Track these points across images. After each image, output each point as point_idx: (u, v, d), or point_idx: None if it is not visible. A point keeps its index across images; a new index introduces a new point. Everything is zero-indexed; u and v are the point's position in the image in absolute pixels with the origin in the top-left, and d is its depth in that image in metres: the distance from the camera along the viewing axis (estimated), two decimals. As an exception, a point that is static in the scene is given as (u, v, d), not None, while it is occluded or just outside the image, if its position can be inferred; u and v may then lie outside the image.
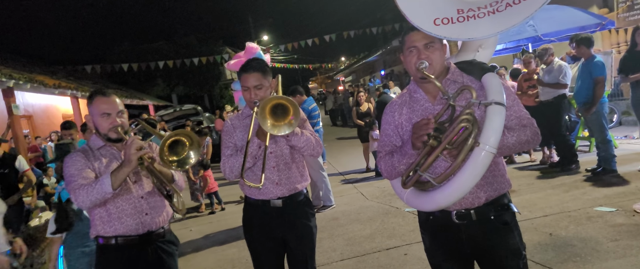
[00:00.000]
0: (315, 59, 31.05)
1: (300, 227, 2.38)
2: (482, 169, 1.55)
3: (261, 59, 2.40)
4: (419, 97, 1.79)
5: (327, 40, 19.07)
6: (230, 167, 2.27)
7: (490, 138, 1.52)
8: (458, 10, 1.64)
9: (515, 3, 1.55)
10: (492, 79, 1.66)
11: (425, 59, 1.67)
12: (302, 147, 2.30)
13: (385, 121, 1.87)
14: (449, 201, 1.63)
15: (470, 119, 1.53)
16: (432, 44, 1.70)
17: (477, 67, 1.73)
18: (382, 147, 1.87)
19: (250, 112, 2.29)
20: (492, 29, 1.61)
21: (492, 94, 1.60)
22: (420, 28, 1.66)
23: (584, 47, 5.17)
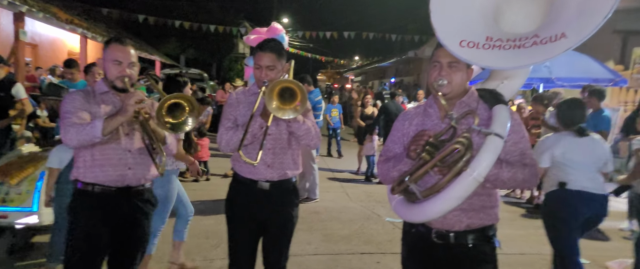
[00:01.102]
0: (329, 52, 30.94)
1: (283, 214, 2.38)
2: (464, 194, 1.56)
3: (279, 41, 2.39)
4: (432, 112, 1.81)
5: (346, 36, 19.01)
6: (227, 140, 2.27)
7: (480, 166, 1.53)
8: (487, 38, 1.65)
9: (541, 43, 1.56)
10: (502, 111, 1.66)
11: (446, 76, 1.69)
12: (301, 136, 2.30)
13: (396, 127, 1.90)
14: (427, 217, 1.66)
15: (465, 142, 1.54)
16: (456, 64, 1.70)
17: (494, 96, 1.75)
18: (384, 152, 1.91)
19: (258, 91, 2.28)
20: (512, 62, 1.63)
21: (495, 125, 1.61)
22: (444, 45, 1.68)
23: (595, 99, 5.20)
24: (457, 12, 1.72)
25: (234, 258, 2.39)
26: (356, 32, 19.00)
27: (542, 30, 1.59)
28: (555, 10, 1.63)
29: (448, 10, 1.73)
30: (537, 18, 1.69)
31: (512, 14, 1.75)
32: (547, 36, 1.54)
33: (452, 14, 1.72)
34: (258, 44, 2.33)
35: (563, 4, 1.60)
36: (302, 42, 25.15)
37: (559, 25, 1.55)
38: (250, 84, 2.60)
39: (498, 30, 1.69)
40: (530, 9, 1.72)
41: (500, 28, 1.71)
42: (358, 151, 8.34)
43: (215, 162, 7.22)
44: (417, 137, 1.63)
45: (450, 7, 1.73)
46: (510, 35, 1.65)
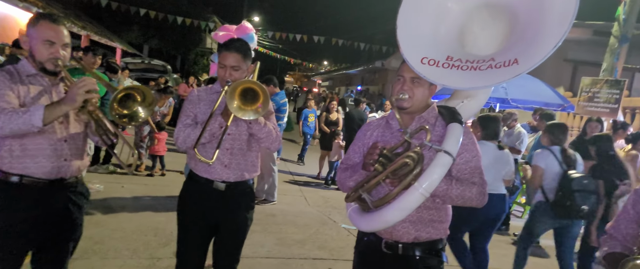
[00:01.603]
0: (298, 55, 30.95)
1: (237, 216, 2.35)
2: (411, 206, 1.61)
3: (245, 42, 2.36)
4: (393, 124, 1.85)
5: (315, 40, 19.09)
6: (185, 137, 2.21)
7: (427, 182, 1.58)
8: (448, 57, 1.71)
9: (496, 67, 1.63)
10: (455, 129, 1.70)
11: (408, 91, 1.74)
12: (261, 138, 2.28)
13: (358, 137, 1.94)
14: (376, 227, 1.70)
15: (415, 157, 1.58)
16: (419, 79, 1.75)
17: (451, 114, 1.80)
18: (345, 160, 1.95)
19: (220, 89, 2.24)
20: (467, 83, 1.70)
21: (446, 143, 1.65)
22: (406, 60, 1.73)
23: (544, 122, 5.48)
24: (423, 29, 1.78)
25: (182, 258, 2.33)
26: (326, 37, 19.15)
27: (499, 55, 1.67)
28: (513, 37, 1.71)
29: (414, 27, 1.78)
30: (497, 43, 1.77)
31: (475, 37, 1.82)
32: (502, 61, 1.62)
33: (417, 31, 1.78)
34: (224, 43, 2.30)
35: (522, 32, 1.68)
36: (272, 43, 24.98)
37: (514, 51, 1.63)
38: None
39: (460, 51, 1.75)
40: (492, 34, 1.79)
41: (463, 49, 1.78)
42: (320, 155, 8.37)
43: (173, 158, 7.01)
44: (371, 149, 1.67)
45: (417, 25, 1.78)
46: (470, 56, 1.72)
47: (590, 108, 7.37)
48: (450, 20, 1.81)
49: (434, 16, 1.80)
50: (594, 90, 7.40)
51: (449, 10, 1.80)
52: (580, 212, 3.51)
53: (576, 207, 3.49)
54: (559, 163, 3.74)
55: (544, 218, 3.81)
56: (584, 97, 7.51)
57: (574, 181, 3.54)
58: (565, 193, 3.56)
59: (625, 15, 7.51)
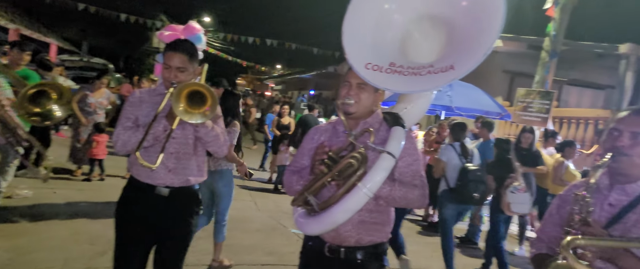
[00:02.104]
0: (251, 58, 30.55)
1: (181, 222, 2.25)
2: (355, 207, 1.62)
3: (192, 43, 2.29)
4: (339, 130, 1.87)
5: (268, 43, 18.98)
6: (125, 141, 2.10)
7: (371, 182, 1.61)
8: (391, 63, 1.79)
9: (435, 72, 1.74)
10: (398, 132, 1.76)
11: (354, 96, 1.77)
12: (209, 142, 2.22)
13: (306, 141, 1.95)
14: (321, 229, 1.70)
15: (359, 158, 1.61)
16: (365, 85, 1.79)
17: (394, 119, 1.86)
18: (292, 164, 1.94)
19: (165, 91, 2.15)
20: (408, 87, 1.81)
21: (390, 145, 1.70)
22: (351, 65, 1.79)
23: (486, 130, 5.82)
24: (367, 37, 1.85)
25: (120, 268, 2.20)
26: (279, 41, 19.10)
27: (437, 62, 1.79)
28: (451, 47, 1.83)
29: (359, 34, 1.84)
30: (437, 51, 1.88)
31: (416, 46, 1.93)
32: (439, 67, 1.74)
33: (362, 38, 1.84)
34: (169, 43, 2.21)
35: (458, 42, 1.81)
36: (224, 44, 24.49)
37: (451, 59, 1.75)
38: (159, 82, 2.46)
39: (402, 58, 1.85)
40: (432, 43, 1.91)
41: (405, 57, 1.88)
42: (271, 160, 8.29)
43: (113, 162, 6.64)
44: (318, 150, 1.69)
45: (362, 32, 1.85)
46: (412, 63, 1.82)
47: (524, 117, 7.90)
48: (394, 30, 1.90)
49: (378, 25, 1.88)
50: (528, 100, 7.95)
51: (392, 20, 1.90)
52: (473, 198, 4.15)
53: (470, 194, 4.10)
54: (459, 157, 4.38)
55: (448, 203, 4.35)
56: (519, 107, 8.04)
57: (470, 172, 4.17)
58: (463, 182, 4.16)
59: (555, 31, 8.16)
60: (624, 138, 1.38)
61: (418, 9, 1.88)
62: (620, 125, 1.41)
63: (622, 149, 1.38)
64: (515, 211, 4.24)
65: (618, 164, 1.38)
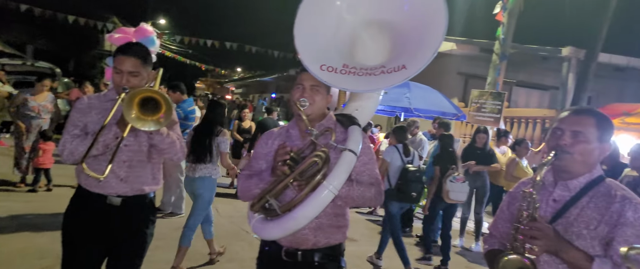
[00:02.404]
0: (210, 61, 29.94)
1: (136, 233, 2.16)
2: (321, 206, 1.62)
3: (144, 46, 2.20)
4: (293, 134, 1.87)
5: (228, 46, 18.68)
6: (71, 149, 1.99)
7: (336, 180, 1.62)
8: (344, 65, 1.84)
9: (387, 72, 1.81)
10: (356, 131, 1.81)
11: (308, 98, 1.78)
12: (164, 149, 2.14)
13: (260, 145, 1.92)
14: (285, 231, 1.67)
15: (323, 157, 1.62)
16: (318, 87, 1.81)
17: (349, 119, 1.89)
18: (248, 168, 1.90)
19: (115, 97, 2.06)
20: (364, 86, 1.86)
21: (350, 143, 1.73)
22: (307, 68, 1.80)
23: (443, 130, 6.01)
24: (318, 39, 1.88)
25: (69, 283, 2.08)
26: (239, 43, 18.85)
27: (388, 63, 1.86)
28: (396, 49, 1.92)
29: (310, 37, 1.87)
30: (383, 54, 1.95)
31: (363, 49, 1.99)
32: (392, 66, 1.82)
33: (313, 41, 1.87)
34: (121, 47, 2.11)
35: (403, 43, 1.90)
36: (181, 47, 23.85)
37: (401, 59, 1.83)
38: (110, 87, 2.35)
39: (353, 60, 1.90)
40: (378, 47, 1.98)
41: (354, 59, 1.93)
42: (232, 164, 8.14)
43: (61, 170, 6.27)
44: (280, 151, 1.68)
45: (312, 35, 1.88)
46: (364, 65, 1.87)
47: (478, 117, 8.23)
48: (343, 32, 1.95)
49: (328, 27, 1.92)
50: (481, 101, 8.30)
51: (342, 22, 1.95)
52: (412, 197, 4.48)
53: (409, 193, 4.44)
54: (401, 158, 4.68)
55: (391, 201, 4.59)
56: (473, 108, 8.38)
57: (410, 173, 4.49)
58: (404, 182, 4.47)
59: (504, 35, 8.58)
60: (566, 137, 1.47)
61: (365, 13, 1.95)
62: (562, 124, 1.50)
63: (565, 147, 1.46)
64: (453, 198, 4.70)
65: (561, 162, 1.46)
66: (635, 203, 1.39)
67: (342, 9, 1.95)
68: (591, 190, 1.45)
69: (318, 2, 1.93)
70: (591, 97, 11.74)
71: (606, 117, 1.50)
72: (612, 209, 1.39)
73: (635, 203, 1.39)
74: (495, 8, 8.62)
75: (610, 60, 10.92)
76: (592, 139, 1.44)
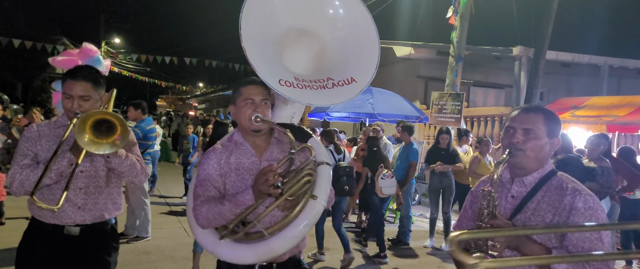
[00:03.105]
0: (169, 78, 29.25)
1: (96, 263, 2.07)
2: (314, 221, 1.64)
3: (94, 69, 2.13)
4: (246, 149, 1.77)
5: (187, 62, 18.36)
6: (22, 180, 1.89)
7: (324, 193, 1.65)
8: (295, 78, 1.82)
9: (339, 85, 1.86)
10: (318, 142, 1.85)
11: (261, 112, 1.72)
12: (123, 172, 2.07)
13: (209, 165, 1.74)
14: (277, 252, 1.66)
15: (312, 173, 1.64)
16: (267, 101, 1.76)
17: (301, 130, 1.89)
18: (203, 192, 1.72)
19: (67, 123, 1.97)
20: (324, 101, 1.90)
21: (321, 155, 1.75)
22: (268, 83, 1.72)
23: (406, 134, 6.14)
24: (264, 52, 1.85)
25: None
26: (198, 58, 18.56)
27: (333, 75, 1.90)
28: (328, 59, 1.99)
29: (257, 52, 1.80)
30: (314, 64, 2.00)
31: (294, 59, 1.97)
32: (341, 80, 1.87)
33: (262, 55, 1.81)
34: (69, 71, 2.04)
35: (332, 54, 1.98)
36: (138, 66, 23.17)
37: (346, 71, 1.90)
38: (59, 112, 2.25)
39: (295, 73, 1.88)
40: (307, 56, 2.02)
41: (293, 70, 1.91)
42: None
43: (15, 202, 5.91)
44: (266, 174, 1.57)
45: (259, 48, 1.83)
46: (306, 76, 1.88)
47: (440, 118, 8.48)
48: (275, 44, 1.93)
49: (265, 39, 1.89)
50: (441, 102, 8.56)
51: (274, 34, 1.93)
52: (344, 190, 4.84)
53: (342, 186, 4.76)
54: (334, 157, 5.30)
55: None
56: (434, 109, 8.62)
57: (341, 168, 4.84)
58: (336, 177, 4.70)
59: (458, 38, 8.92)
60: (518, 135, 1.54)
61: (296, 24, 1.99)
62: (513, 123, 1.56)
63: (517, 144, 1.52)
64: (386, 193, 5.22)
65: (515, 159, 1.53)
66: (585, 194, 1.46)
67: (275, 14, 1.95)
68: (545, 184, 1.52)
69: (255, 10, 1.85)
70: (543, 93, 12.37)
71: (553, 113, 1.58)
72: (564, 201, 1.46)
73: (585, 194, 1.46)
74: (448, 12, 8.95)
75: (557, 57, 11.54)
76: (541, 135, 1.52)
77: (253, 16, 1.82)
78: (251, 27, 1.80)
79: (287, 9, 1.95)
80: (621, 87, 13.44)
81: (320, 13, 1.98)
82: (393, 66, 12.71)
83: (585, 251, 1.38)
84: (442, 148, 5.97)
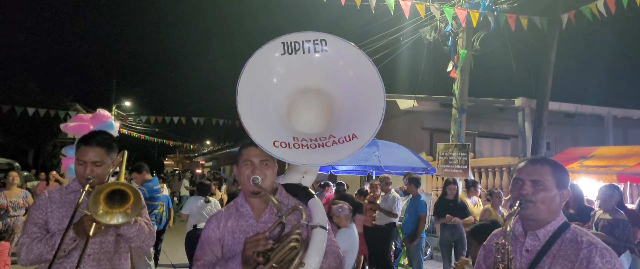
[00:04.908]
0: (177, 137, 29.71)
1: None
2: None
3: (108, 134, 2.19)
4: (244, 212, 1.78)
5: (195, 121, 18.74)
6: (37, 255, 1.89)
7: (315, 260, 1.58)
8: (294, 138, 1.79)
9: (340, 142, 1.80)
10: (318, 204, 1.78)
11: (260, 174, 1.72)
12: (131, 238, 2.06)
13: (210, 229, 1.77)
14: None
15: (299, 239, 1.57)
16: (267, 161, 1.76)
17: (304, 191, 1.86)
18: (201, 256, 1.73)
19: (78, 188, 2.00)
20: (321, 160, 1.82)
21: (317, 218, 1.69)
22: (261, 146, 1.72)
23: (413, 186, 6.10)
24: (261, 115, 1.83)
25: None
26: (206, 117, 18.95)
27: (335, 132, 1.85)
28: (335, 116, 1.94)
29: (254, 114, 1.81)
30: (323, 122, 1.96)
31: (301, 118, 1.98)
32: (342, 136, 1.81)
33: (258, 117, 1.82)
34: (83, 137, 2.09)
35: (339, 111, 1.93)
36: (147, 127, 23.65)
37: (348, 128, 1.84)
38: (70, 178, 2.28)
39: (297, 132, 1.87)
40: (315, 115, 1.99)
41: (297, 129, 1.90)
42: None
43: None
44: (254, 240, 1.56)
45: (255, 111, 1.82)
46: (309, 135, 1.84)
47: (447, 170, 8.43)
48: (279, 105, 1.92)
49: (266, 102, 1.88)
50: (447, 154, 8.56)
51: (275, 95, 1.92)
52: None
53: None
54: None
55: None
56: (441, 161, 8.60)
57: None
58: None
59: (459, 90, 9.11)
60: (527, 186, 1.53)
61: (301, 84, 1.96)
62: (521, 175, 1.57)
63: (527, 196, 1.52)
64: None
65: (526, 211, 1.52)
66: (601, 248, 1.43)
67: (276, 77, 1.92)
68: (559, 238, 1.49)
69: (253, 74, 1.86)
70: (549, 143, 12.35)
71: (560, 164, 1.59)
72: (580, 255, 1.43)
73: (600, 248, 1.43)
74: (448, 67, 9.22)
75: (560, 108, 11.65)
76: (550, 186, 1.52)
77: (252, 80, 1.84)
78: (249, 92, 1.82)
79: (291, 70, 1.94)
80: (628, 137, 13.41)
81: (328, 70, 1.95)
82: (397, 119, 12.87)
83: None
84: (449, 200, 5.89)
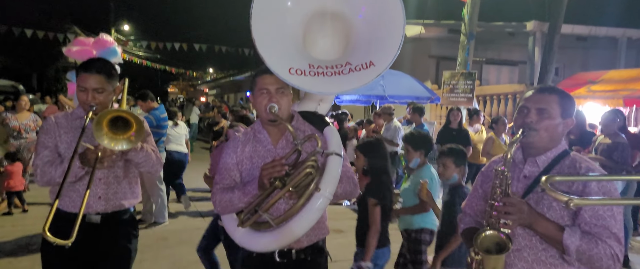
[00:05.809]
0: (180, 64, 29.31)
1: (117, 249, 2.13)
2: (319, 214, 1.64)
3: (107, 61, 2.15)
4: (262, 138, 1.83)
5: (197, 48, 18.38)
6: (51, 177, 1.97)
7: (329, 186, 1.63)
8: (309, 65, 1.76)
9: (356, 70, 1.76)
10: (333, 132, 1.80)
11: (276, 102, 1.73)
12: (139, 163, 2.11)
13: (227, 154, 1.84)
14: (283, 242, 1.68)
15: (315, 165, 1.61)
16: (283, 89, 1.76)
17: (319, 119, 1.87)
18: (220, 180, 1.82)
19: (83, 115, 2.02)
20: (337, 88, 1.81)
21: (332, 146, 1.73)
22: (276, 74, 1.71)
23: (417, 115, 6.12)
24: (276, 41, 1.79)
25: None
26: (209, 44, 18.55)
27: (352, 59, 1.79)
28: (352, 43, 1.87)
29: (269, 40, 1.77)
30: (339, 48, 1.90)
31: (317, 44, 1.91)
32: (359, 64, 1.76)
33: (273, 44, 1.77)
34: (82, 64, 2.07)
35: (357, 37, 1.85)
36: (149, 53, 23.25)
37: (365, 55, 1.79)
38: (75, 103, 2.30)
39: (313, 58, 1.82)
40: (332, 41, 1.92)
41: (313, 56, 1.85)
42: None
43: (36, 190, 6.08)
44: (272, 165, 1.61)
45: (270, 37, 1.78)
46: (325, 62, 1.79)
47: (452, 98, 8.38)
48: (294, 31, 1.86)
49: (281, 27, 1.82)
50: (453, 82, 8.45)
51: (290, 20, 1.85)
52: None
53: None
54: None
55: None
56: (446, 89, 8.52)
57: None
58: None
59: (469, 15, 8.73)
60: (532, 114, 1.52)
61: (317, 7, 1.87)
62: (527, 103, 1.55)
63: (531, 124, 1.51)
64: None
65: (528, 139, 1.52)
66: (598, 173, 1.46)
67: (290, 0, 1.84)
68: (558, 164, 1.52)
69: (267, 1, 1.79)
70: (558, 69, 12.10)
71: (567, 94, 1.56)
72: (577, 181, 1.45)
73: (598, 173, 1.46)
74: (459, -11, 8.75)
75: (572, 31, 11.22)
76: (555, 115, 1.51)
77: (266, 4, 1.78)
78: (264, 17, 1.76)
79: None
80: (640, 60, 13.07)
81: None
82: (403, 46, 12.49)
83: (599, 228, 1.39)
84: (453, 128, 5.93)
